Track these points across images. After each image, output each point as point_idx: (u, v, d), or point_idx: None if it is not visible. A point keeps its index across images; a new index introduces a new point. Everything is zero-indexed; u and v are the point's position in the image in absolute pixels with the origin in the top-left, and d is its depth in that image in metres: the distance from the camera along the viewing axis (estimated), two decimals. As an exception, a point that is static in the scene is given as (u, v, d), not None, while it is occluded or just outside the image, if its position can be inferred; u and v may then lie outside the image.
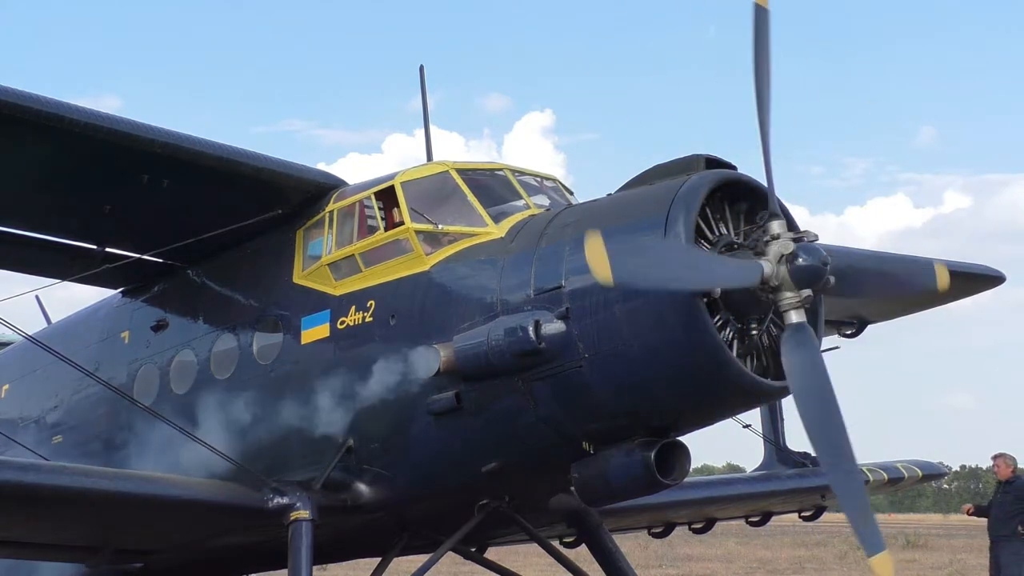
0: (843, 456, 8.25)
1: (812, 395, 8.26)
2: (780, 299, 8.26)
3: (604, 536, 11.88)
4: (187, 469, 10.71)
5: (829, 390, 8.30)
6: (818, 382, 8.28)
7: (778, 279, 8.20)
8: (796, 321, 8.25)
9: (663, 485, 8.99)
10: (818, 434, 8.25)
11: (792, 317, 8.26)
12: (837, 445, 8.23)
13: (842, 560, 34.47)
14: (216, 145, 10.42)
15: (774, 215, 8.40)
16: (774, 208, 8.44)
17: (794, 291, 8.22)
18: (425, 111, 12.85)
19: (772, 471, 14.78)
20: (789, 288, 8.22)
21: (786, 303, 8.24)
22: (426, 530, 10.67)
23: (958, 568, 30.60)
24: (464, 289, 9.45)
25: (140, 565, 11.28)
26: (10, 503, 9.47)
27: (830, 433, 8.25)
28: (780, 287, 8.23)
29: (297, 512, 9.86)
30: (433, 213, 9.93)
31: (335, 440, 10.06)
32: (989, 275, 15.24)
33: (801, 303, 8.25)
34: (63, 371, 11.76)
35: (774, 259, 8.20)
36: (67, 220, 11.42)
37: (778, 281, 8.21)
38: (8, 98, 9.29)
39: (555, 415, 8.96)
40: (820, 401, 8.27)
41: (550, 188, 10.48)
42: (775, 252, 8.22)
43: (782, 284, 8.22)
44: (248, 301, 11.21)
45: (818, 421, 8.24)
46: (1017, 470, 16.67)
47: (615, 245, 7.82)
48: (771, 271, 8.18)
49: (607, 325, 8.53)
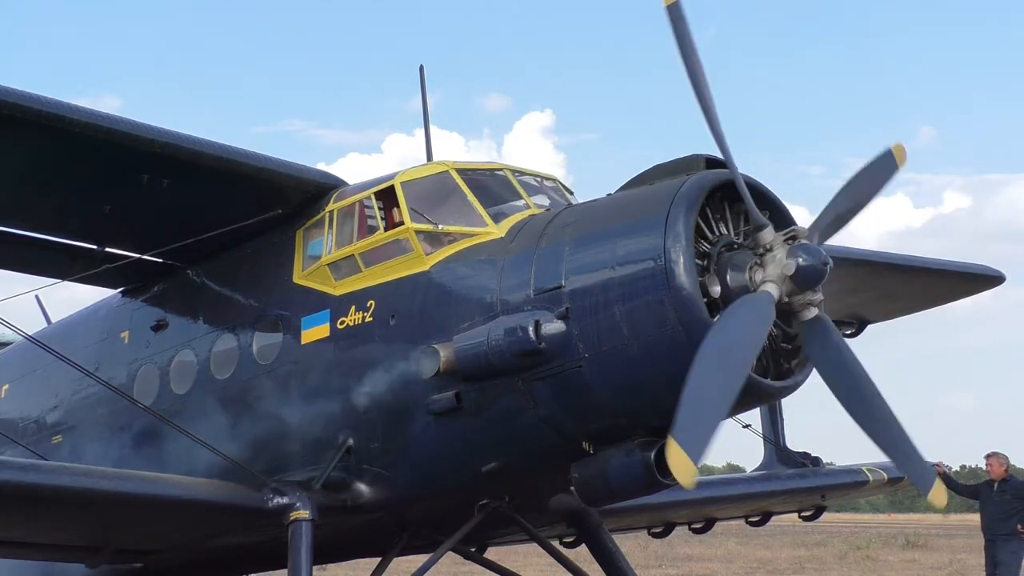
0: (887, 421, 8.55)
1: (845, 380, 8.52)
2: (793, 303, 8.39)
3: (604, 536, 11.88)
4: (187, 469, 10.73)
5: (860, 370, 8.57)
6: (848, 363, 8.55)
7: (788, 294, 8.29)
8: (811, 316, 8.44)
9: (663, 485, 8.99)
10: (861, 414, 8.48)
11: (807, 314, 8.42)
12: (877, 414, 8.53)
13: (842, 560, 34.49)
14: (216, 145, 10.41)
15: (759, 226, 8.41)
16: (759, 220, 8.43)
17: (802, 294, 8.34)
18: (425, 111, 12.87)
19: (772, 471, 14.79)
20: (797, 294, 8.34)
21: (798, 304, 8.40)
22: (426, 530, 10.68)
23: (958, 568, 30.58)
24: (464, 289, 9.45)
25: (140, 565, 11.29)
26: (10, 503, 9.46)
27: (873, 410, 8.52)
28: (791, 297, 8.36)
29: (297, 512, 9.85)
30: (433, 213, 9.93)
31: (335, 440, 10.06)
32: (989, 275, 15.26)
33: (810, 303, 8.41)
34: (63, 371, 11.76)
35: (779, 280, 8.26)
36: (67, 220, 11.41)
37: (789, 296, 8.33)
38: (8, 98, 9.28)
39: (555, 415, 8.96)
40: (856, 383, 8.54)
41: (550, 188, 10.48)
42: (777, 273, 8.27)
43: (793, 300, 8.36)
44: (248, 301, 11.21)
45: (856, 402, 8.50)
46: (1011, 468, 16.67)
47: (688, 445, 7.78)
48: (780, 292, 8.27)
49: (607, 325, 8.54)
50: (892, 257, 14.42)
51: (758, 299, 8.21)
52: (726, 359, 7.94)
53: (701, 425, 7.85)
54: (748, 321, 8.09)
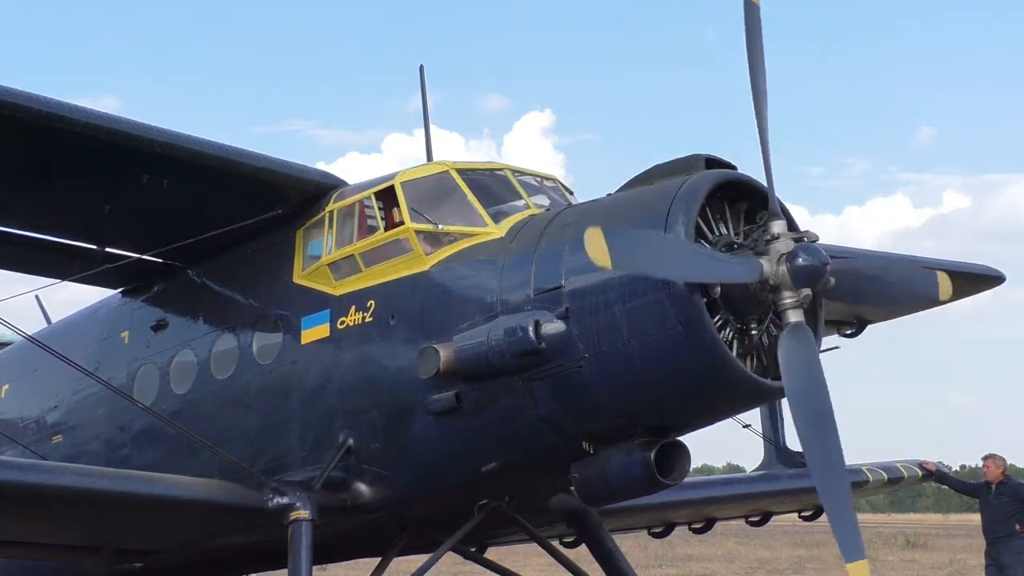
0: (831, 459, 8.24)
1: (806, 396, 8.24)
2: (779, 299, 8.26)
3: (604, 536, 11.87)
4: (187, 469, 10.72)
5: (824, 392, 8.27)
6: (813, 383, 8.25)
7: (777, 278, 8.21)
8: (795, 321, 8.25)
9: (663, 485, 9.00)
10: (808, 435, 8.23)
11: (791, 317, 8.25)
12: (826, 448, 8.21)
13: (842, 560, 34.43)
14: (216, 145, 10.41)
15: (775, 215, 8.40)
16: (775, 208, 8.43)
17: (793, 291, 8.22)
18: (425, 111, 12.87)
19: (772, 471, 14.78)
20: (788, 288, 8.22)
21: (785, 303, 8.25)
22: (426, 530, 10.68)
23: (958, 568, 30.58)
24: (464, 289, 9.45)
25: (140, 565, 11.29)
26: (10, 503, 9.47)
27: (820, 435, 8.23)
28: (779, 287, 8.23)
29: (297, 512, 9.85)
30: (433, 213, 9.93)
31: (335, 440, 10.07)
32: (989, 275, 15.25)
33: (800, 303, 8.25)
34: (63, 371, 11.75)
35: (774, 258, 8.21)
36: (67, 220, 11.42)
37: (777, 280, 8.21)
38: (8, 98, 9.29)
39: (555, 415, 8.96)
40: (813, 402, 8.25)
41: (550, 188, 10.48)
42: (775, 252, 8.23)
43: (781, 283, 8.22)
44: (248, 301, 11.20)
45: (809, 422, 8.23)
46: (1007, 470, 16.66)
47: (615, 238, 7.82)
48: (770, 270, 8.18)
49: (607, 325, 8.53)
50: (892, 257, 14.41)
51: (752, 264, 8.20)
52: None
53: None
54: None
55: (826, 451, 8.21)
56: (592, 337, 8.59)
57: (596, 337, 8.58)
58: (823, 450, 8.22)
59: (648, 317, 8.37)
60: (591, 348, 8.60)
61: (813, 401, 8.25)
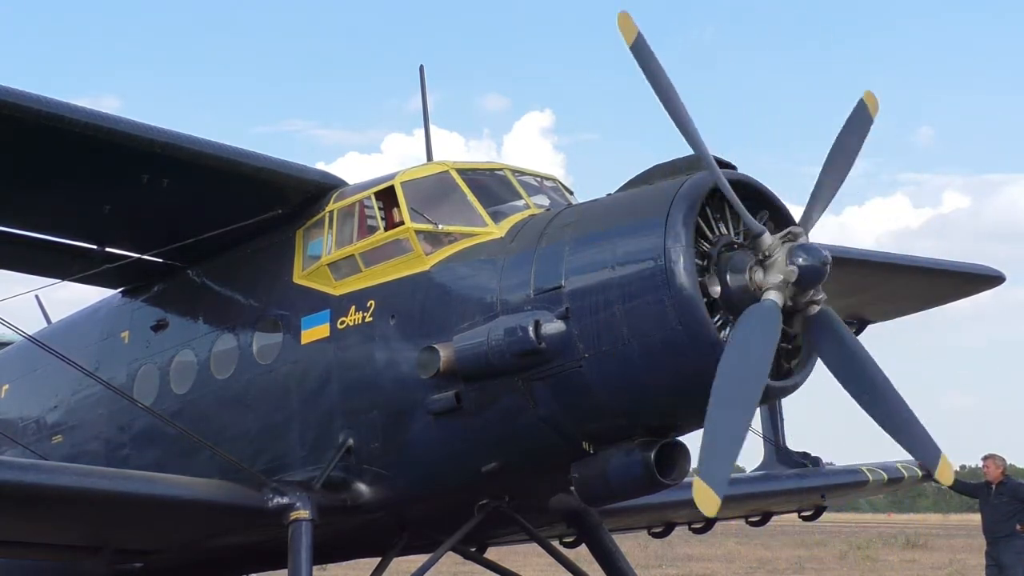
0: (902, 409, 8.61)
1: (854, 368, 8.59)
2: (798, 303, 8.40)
3: (604, 536, 11.87)
4: (187, 469, 10.72)
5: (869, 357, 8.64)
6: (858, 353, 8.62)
7: (792, 297, 8.31)
8: (815, 312, 8.47)
9: (663, 485, 9.00)
10: (868, 400, 8.55)
11: (811, 310, 8.46)
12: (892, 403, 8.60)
13: (842, 560, 34.51)
14: (216, 145, 10.41)
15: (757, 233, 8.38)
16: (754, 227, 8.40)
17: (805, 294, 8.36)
18: (425, 111, 12.85)
19: (772, 471, 14.78)
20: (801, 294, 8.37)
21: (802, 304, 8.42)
22: (426, 530, 10.67)
23: (958, 568, 30.59)
24: (464, 289, 9.45)
25: (140, 565, 11.28)
26: (10, 503, 9.46)
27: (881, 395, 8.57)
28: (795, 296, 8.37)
29: (297, 512, 9.85)
30: (433, 213, 9.93)
31: (335, 440, 10.07)
32: (988, 275, 15.26)
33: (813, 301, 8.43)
34: (63, 371, 11.76)
35: (782, 287, 8.26)
36: (67, 220, 11.42)
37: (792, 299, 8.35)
38: (8, 98, 9.28)
39: (555, 415, 8.96)
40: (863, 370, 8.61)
41: (550, 188, 10.48)
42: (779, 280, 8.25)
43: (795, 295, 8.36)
44: (248, 301, 11.20)
45: (866, 389, 8.56)
46: (1007, 470, 16.67)
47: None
48: (784, 298, 8.27)
49: (607, 325, 8.54)
50: (892, 257, 14.43)
51: (765, 314, 8.17)
52: (739, 389, 7.99)
53: (722, 459, 8.01)
54: (758, 342, 8.07)
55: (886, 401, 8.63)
56: (592, 337, 8.60)
57: (596, 337, 8.58)
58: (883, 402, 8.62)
59: (648, 317, 8.37)
60: (591, 348, 8.60)
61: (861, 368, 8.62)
